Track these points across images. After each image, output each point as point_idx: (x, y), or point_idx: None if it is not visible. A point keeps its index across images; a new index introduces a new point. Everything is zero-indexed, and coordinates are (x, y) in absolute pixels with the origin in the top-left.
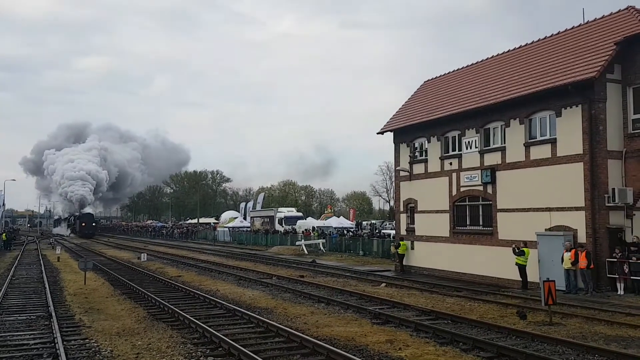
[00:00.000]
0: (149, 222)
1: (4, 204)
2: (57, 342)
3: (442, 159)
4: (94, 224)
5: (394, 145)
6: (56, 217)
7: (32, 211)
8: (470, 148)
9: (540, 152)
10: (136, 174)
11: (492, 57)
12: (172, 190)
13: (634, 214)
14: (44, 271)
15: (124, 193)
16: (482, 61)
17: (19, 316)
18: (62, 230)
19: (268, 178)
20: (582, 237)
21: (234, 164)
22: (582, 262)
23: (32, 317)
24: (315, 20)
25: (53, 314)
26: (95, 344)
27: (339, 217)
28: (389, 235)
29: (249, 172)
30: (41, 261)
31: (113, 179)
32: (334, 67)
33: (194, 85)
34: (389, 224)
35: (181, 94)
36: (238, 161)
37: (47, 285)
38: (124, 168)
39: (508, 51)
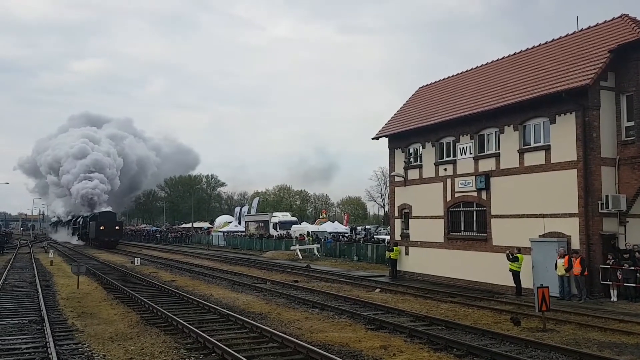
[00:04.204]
0: (142, 226)
1: None
2: (50, 347)
3: (436, 164)
4: (117, 228)
5: (389, 150)
6: (54, 219)
7: (26, 214)
8: (465, 154)
9: (534, 158)
10: (142, 179)
11: (487, 63)
12: (166, 194)
13: (627, 221)
14: (36, 275)
15: (130, 196)
16: (476, 68)
17: (11, 320)
18: (64, 236)
19: (267, 181)
20: (575, 244)
21: (234, 167)
22: (577, 269)
23: (24, 321)
24: (313, 25)
25: (45, 318)
26: (87, 349)
27: (333, 222)
28: (383, 240)
29: (248, 175)
30: (34, 265)
31: (128, 178)
32: (331, 71)
33: (190, 88)
34: (384, 229)
35: (177, 97)
36: (237, 164)
37: (39, 289)
38: (144, 167)
39: (503, 58)
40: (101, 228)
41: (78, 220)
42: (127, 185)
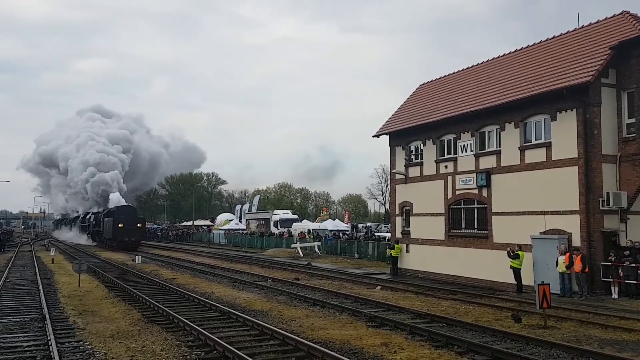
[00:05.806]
0: None
1: None
2: (51, 344)
3: (437, 162)
4: (139, 226)
5: (389, 148)
6: (58, 217)
7: (27, 212)
8: (466, 151)
9: (535, 155)
10: (153, 176)
11: (488, 60)
12: (167, 192)
13: (628, 218)
14: (37, 273)
15: (132, 195)
16: (477, 65)
17: (13, 318)
18: (71, 235)
19: (271, 180)
20: (576, 241)
21: (238, 167)
22: (577, 266)
23: (25, 319)
24: (316, 24)
25: (47, 316)
26: (89, 347)
27: (334, 219)
28: (384, 238)
29: (253, 173)
30: (35, 263)
31: (138, 175)
32: (333, 71)
33: (193, 88)
34: (385, 226)
35: (181, 97)
36: (242, 164)
37: (41, 287)
38: (156, 164)
39: (504, 55)
40: (119, 226)
41: (88, 217)
42: (135, 183)
